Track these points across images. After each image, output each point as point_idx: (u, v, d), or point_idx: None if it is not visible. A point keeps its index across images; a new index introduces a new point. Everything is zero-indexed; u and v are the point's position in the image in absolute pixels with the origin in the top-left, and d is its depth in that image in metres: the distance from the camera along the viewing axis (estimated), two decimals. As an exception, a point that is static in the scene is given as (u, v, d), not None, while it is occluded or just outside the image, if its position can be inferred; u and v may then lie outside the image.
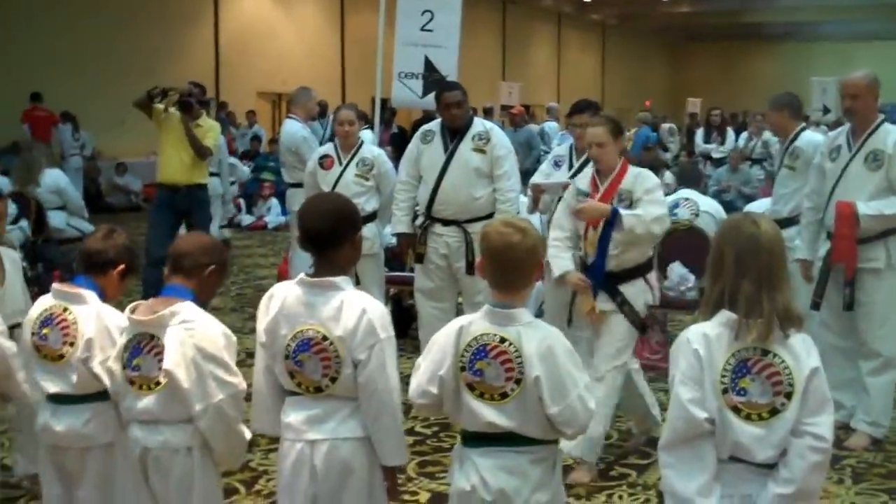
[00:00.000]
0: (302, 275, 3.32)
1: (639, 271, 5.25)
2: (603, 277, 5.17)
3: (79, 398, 3.67)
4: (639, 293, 5.23)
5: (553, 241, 5.34)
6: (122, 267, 3.77)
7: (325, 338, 3.22)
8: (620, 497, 5.11)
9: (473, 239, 6.35)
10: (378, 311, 3.27)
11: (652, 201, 5.14)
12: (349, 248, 3.36)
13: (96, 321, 3.64)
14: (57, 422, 3.71)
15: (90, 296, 3.70)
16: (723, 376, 2.91)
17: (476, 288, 6.45)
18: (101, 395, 3.66)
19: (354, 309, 3.22)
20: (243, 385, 3.45)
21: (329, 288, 3.27)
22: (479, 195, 6.45)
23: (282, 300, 3.30)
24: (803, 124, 6.99)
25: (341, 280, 3.29)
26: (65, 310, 3.70)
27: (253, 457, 5.36)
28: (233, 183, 13.95)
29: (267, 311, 3.33)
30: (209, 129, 8.65)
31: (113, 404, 3.63)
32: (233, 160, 14.71)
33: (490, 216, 6.32)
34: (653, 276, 5.36)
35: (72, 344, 3.66)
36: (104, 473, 3.71)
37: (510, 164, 6.52)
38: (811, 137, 6.65)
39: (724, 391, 2.91)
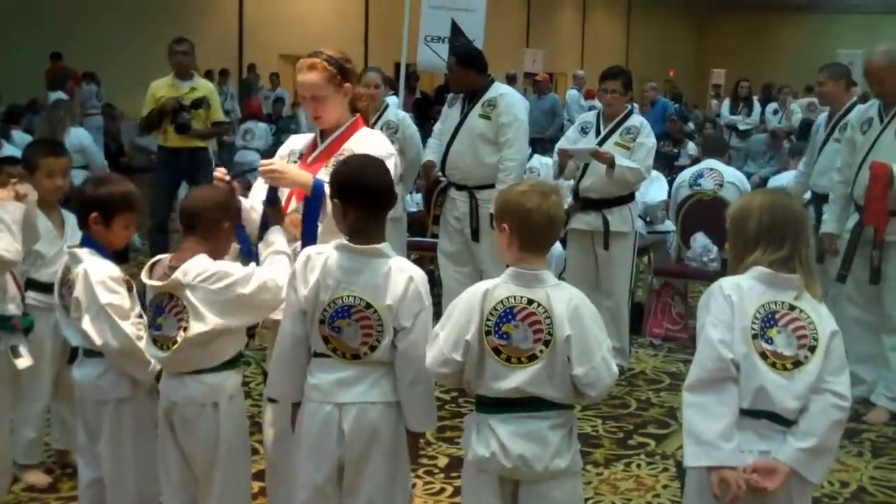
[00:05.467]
0: (342, 240, 3.27)
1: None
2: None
3: (97, 352, 3.69)
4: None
5: None
6: (94, 215, 3.73)
7: (368, 305, 3.18)
8: (639, 466, 5.11)
9: (481, 205, 6.33)
10: (423, 279, 3.26)
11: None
12: (387, 213, 3.35)
13: (83, 281, 3.66)
14: (79, 373, 3.79)
15: (83, 253, 3.73)
16: (753, 323, 2.99)
17: (483, 255, 6.41)
18: None
19: (402, 276, 3.20)
20: (267, 279, 3.46)
21: (375, 255, 3.24)
22: (487, 162, 6.35)
23: (321, 266, 3.24)
24: (855, 98, 6.90)
25: (385, 246, 3.26)
26: (68, 269, 3.77)
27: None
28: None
29: (305, 277, 3.26)
30: (210, 93, 8.62)
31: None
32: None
33: None
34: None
35: None
36: (119, 430, 3.72)
37: (514, 132, 6.32)
38: None
39: (754, 336, 2.98)
